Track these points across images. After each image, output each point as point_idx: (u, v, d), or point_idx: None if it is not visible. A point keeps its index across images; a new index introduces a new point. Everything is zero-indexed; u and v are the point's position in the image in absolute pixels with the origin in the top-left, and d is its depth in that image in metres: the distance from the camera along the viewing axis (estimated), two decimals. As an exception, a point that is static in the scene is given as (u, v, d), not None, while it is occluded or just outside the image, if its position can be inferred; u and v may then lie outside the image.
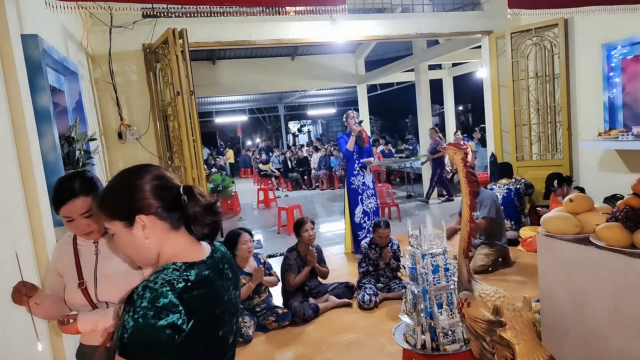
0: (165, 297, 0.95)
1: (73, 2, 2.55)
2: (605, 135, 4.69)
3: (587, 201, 2.24)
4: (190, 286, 1.00)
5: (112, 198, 1.10)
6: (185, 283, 1.00)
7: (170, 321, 0.94)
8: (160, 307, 0.94)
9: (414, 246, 2.54)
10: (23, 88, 2.26)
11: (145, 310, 0.94)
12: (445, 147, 2.20)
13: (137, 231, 1.07)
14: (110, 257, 1.58)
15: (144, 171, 1.10)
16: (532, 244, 4.73)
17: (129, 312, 0.95)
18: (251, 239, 3.66)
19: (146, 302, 0.94)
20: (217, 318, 1.07)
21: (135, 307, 0.94)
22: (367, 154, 5.41)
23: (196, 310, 0.99)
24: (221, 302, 1.08)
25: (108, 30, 4.51)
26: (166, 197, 1.08)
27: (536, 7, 3.86)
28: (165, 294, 0.96)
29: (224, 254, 1.19)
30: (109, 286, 1.54)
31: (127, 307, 0.96)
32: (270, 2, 3.00)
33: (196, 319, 0.99)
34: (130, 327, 0.93)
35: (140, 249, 1.09)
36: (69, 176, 1.55)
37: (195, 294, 1.00)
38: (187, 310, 0.97)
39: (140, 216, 1.06)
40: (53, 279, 1.62)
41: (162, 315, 0.94)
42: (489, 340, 1.80)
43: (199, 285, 1.02)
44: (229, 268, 1.16)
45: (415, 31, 5.72)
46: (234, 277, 1.18)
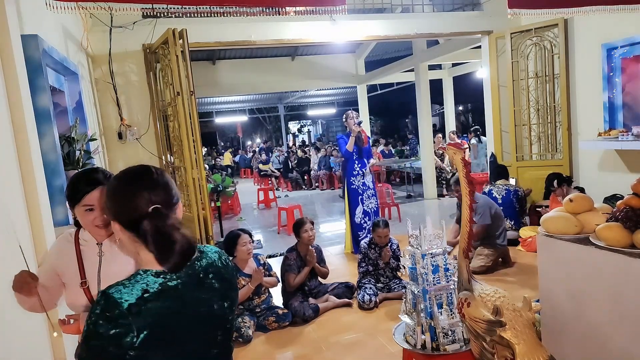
0: (117, 307, 0.94)
1: (73, 2, 2.55)
2: (605, 135, 4.69)
3: (587, 201, 2.24)
4: (147, 297, 0.97)
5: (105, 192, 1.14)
6: (142, 294, 0.97)
7: (116, 332, 0.92)
8: (109, 316, 0.93)
9: (414, 246, 2.54)
10: (23, 88, 2.26)
11: (97, 317, 0.93)
12: (446, 147, 2.20)
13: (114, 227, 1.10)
14: (115, 259, 1.58)
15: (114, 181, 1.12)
16: (532, 244, 4.73)
17: (89, 316, 0.95)
18: (251, 240, 3.66)
19: (99, 309, 0.94)
20: (183, 332, 1.02)
21: (92, 313, 0.94)
22: (366, 154, 5.41)
23: (150, 324, 0.95)
24: (190, 315, 1.03)
25: (108, 31, 4.52)
26: (126, 213, 1.07)
27: (536, 7, 3.86)
28: (118, 303, 0.94)
29: (211, 263, 1.13)
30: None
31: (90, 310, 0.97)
32: (270, 2, 3.00)
33: (150, 332, 0.95)
34: (84, 332, 0.94)
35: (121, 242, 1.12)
36: (89, 169, 1.61)
37: (150, 306, 0.97)
38: (139, 322, 0.94)
39: (115, 222, 1.09)
40: (47, 276, 1.60)
41: (109, 324, 0.92)
42: (489, 340, 1.80)
43: (160, 297, 0.99)
44: (216, 278, 1.11)
45: (415, 31, 5.72)
46: (222, 287, 1.12)
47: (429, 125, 8.97)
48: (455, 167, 2.13)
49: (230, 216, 8.77)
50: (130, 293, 0.96)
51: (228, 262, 1.20)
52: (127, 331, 0.93)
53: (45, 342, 2.16)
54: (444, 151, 9.01)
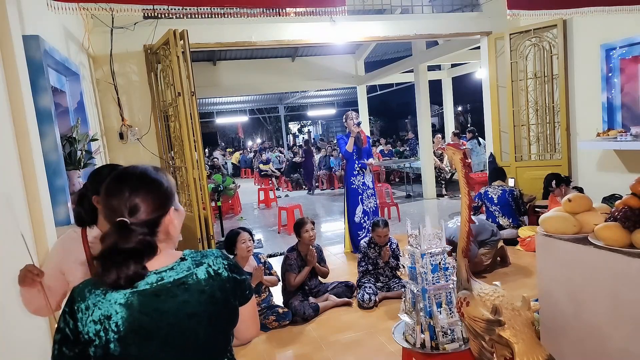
0: (66, 305, 1.03)
1: (74, 3, 2.56)
2: (604, 135, 4.71)
3: (585, 201, 2.25)
4: (74, 308, 1.02)
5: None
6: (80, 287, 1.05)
7: (60, 328, 1.01)
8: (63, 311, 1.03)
9: (413, 246, 2.55)
10: (25, 89, 2.27)
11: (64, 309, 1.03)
12: (445, 147, 2.21)
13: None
14: None
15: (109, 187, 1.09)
16: (530, 243, 4.75)
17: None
18: (250, 238, 3.68)
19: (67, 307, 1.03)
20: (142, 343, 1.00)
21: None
22: (366, 154, 5.43)
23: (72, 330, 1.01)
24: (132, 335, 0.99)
25: (109, 31, 4.53)
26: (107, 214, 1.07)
27: (535, 8, 3.87)
28: (68, 301, 1.03)
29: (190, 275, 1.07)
30: None
31: None
32: (270, 4, 3.01)
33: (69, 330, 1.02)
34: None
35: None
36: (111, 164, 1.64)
37: (81, 317, 1.01)
38: (65, 318, 1.02)
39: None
40: (52, 276, 1.59)
41: (60, 318, 1.02)
42: (488, 339, 1.82)
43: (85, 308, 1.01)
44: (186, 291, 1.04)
45: (414, 32, 5.73)
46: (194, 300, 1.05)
47: (428, 125, 8.98)
48: (455, 167, 2.14)
49: (231, 216, 8.78)
50: (74, 296, 1.05)
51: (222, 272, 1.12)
52: (65, 330, 1.03)
53: (46, 339, 2.18)
54: (443, 151, 9.03)
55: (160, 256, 1.07)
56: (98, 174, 1.58)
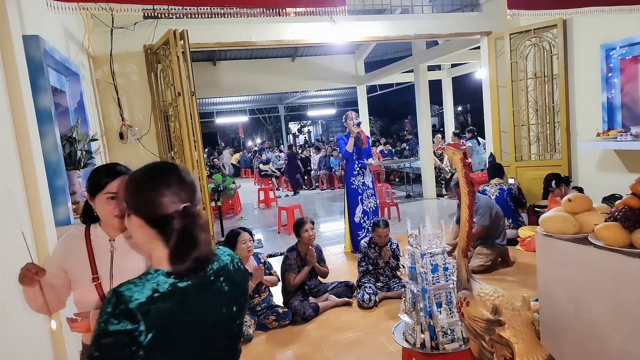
0: (127, 305, 0.94)
1: (74, 3, 2.56)
2: (604, 135, 4.71)
3: (585, 201, 2.25)
4: (156, 297, 0.97)
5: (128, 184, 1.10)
6: (152, 293, 0.97)
7: (124, 329, 0.92)
8: (119, 313, 0.93)
9: (413, 245, 2.55)
10: (24, 89, 2.27)
11: (108, 315, 0.94)
12: (445, 147, 2.21)
13: (129, 222, 1.10)
14: (128, 255, 1.58)
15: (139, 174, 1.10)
16: (530, 243, 4.75)
17: (100, 314, 0.96)
18: (251, 238, 3.68)
19: (110, 307, 0.95)
20: (187, 335, 1.01)
21: (103, 311, 0.95)
22: (366, 154, 5.43)
23: (158, 323, 0.96)
24: (197, 319, 1.03)
25: (109, 31, 4.53)
26: (152, 208, 1.05)
27: (535, 8, 3.87)
28: (129, 301, 0.95)
29: (223, 267, 1.13)
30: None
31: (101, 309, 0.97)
32: (270, 4, 3.01)
33: (157, 332, 0.95)
34: (95, 330, 0.94)
35: (135, 238, 1.12)
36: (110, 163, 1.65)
37: (159, 306, 0.97)
38: (147, 321, 0.94)
39: (135, 216, 1.08)
40: (54, 274, 1.58)
41: (120, 322, 0.93)
42: (488, 339, 1.82)
43: (170, 298, 0.99)
44: (226, 281, 1.10)
45: (414, 32, 5.73)
46: (231, 291, 1.11)
47: (428, 125, 8.99)
48: (454, 167, 2.14)
49: (231, 216, 8.78)
50: (140, 292, 0.97)
51: (240, 265, 1.19)
52: (136, 330, 0.93)
53: (46, 336, 2.18)
54: (443, 151, 9.03)
55: None
56: (97, 173, 1.58)
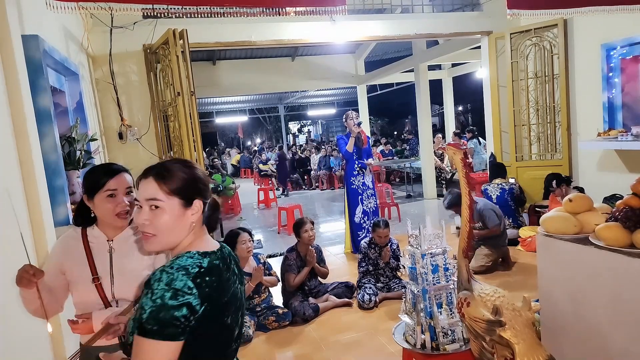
0: (181, 280, 1.03)
1: (73, 2, 2.55)
2: (605, 135, 4.70)
3: (586, 201, 2.24)
4: (202, 272, 1.07)
5: (180, 176, 1.17)
6: (198, 269, 1.07)
7: (185, 302, 1.01)
8: (176, 289, 1.01)
9: (413, 246, 2.55)
10: (24, 88, 2.27)
11: (163, 291, 1.01)
12: (445, 147, 2.21)
13: (189, 212, 1.17)
14: (127, 255, 1.58)
15: (198, 167, 1.25)
16: (531, 243, 4.74)
17: (147, 294, 1.02)
18: (250, 238, 3.67)
19: (163, 284, 1.02)
20: (225, 306, 1.12)
21: (153, 289, 1.02)
22: (366, 154, 5.42)
23: (208, 295, 1.06)
24: (229, 292, 1.14)
25: (109, 31, 4.52)
26: (208, 192, 1.24)
27: (536, 8, 3.87)
28: (181, 277, 1.03)
29: (230, 252, 1.27)
30: (125, 283, 1.55)
31: (145, 290, 1.03)
32: (270, 3, 3.01)
33: (208, 304, 1.05)
34: (149, 307, 1.00)
35: (179, 230, 1.17)
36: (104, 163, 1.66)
37: (207, 280, 1.07)
38: (200, 293, 1.04)
39: (199, 201, 1.18)
40: (52, 277, 1.58)
41: (178, 296, 1.01)
42: (489, 339, 1.81)
43: (211, 273, 1.09)
44: (235, 264, 1.24)
45: (414, 32, 5.72)
46: (239, 273, 1.24)
47: (429, 125, 8.98)
48: (455, 167, 2.13)
49: (231, 216, 8.77)
50: (191, 267, 1.06)
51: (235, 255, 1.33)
52: (192, 302, 1.02)
53: (45, 338, 2.17)
54: (443, 151, 9.02)
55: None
56: (93, 173, 1.58)
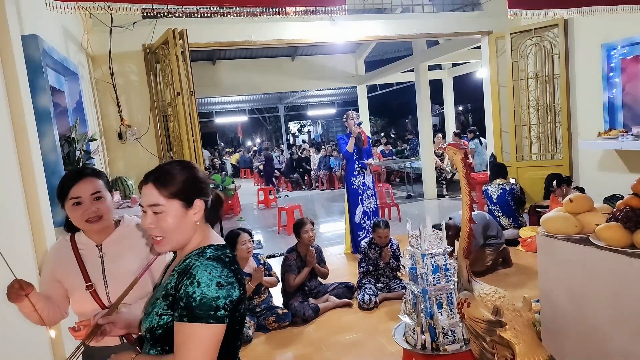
0: (222, 269, 1.13)
1: (73, 2, 2.55)
2: (605, 135, 4.69)
3: (587, 201, 2.24)
4: (232, 260, 1.19)
5: (179, 179, 1.21)
6: (229, 258, 1.19)
7: (229, 287, 1.12)
8: (219, 276, 1.11)
9: (414, 246, 2.54)
10: (23, 88, 2.26)
11: (209, 279, 1.10)
12: (446, 147, 2.20)
13: (191, 212, 1.21)
14: (118, 259, 1.57)
15: (196, 167, 1.29)
16: (532, 244, 4.73)
17: (192, 284, 1.10)
18: (250, 239, 3.67)
19: (207, 273, 1.11)
20: (245, 291, 1.22)
21: (199, 278, 1.10)
22: (366, 154, 5.41)
23: (240, 280, 1.17)
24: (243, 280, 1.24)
25: (108, 31, 4.52)
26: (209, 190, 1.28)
27: (536, 8, 3.86)
28: (220, 266, 1.13)
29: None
30: (120, 288, 1.53)
31: (187, 282, 1.11)
32: (270, 3, 3.00)
33: (241, 289, 1.16)
34: (199, 295, 1.08)
35: (186, 229, 1.21)
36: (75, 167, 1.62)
37: (235, 267, 1.18)
38: (237, 279, 1.15)
39: (200, 200, 1.22)
40: (49, 285, 1.56)
41: (223, 283, 1.11)
42: (489, 340, 1.81)
43: (235, 262, 1.21)
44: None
45: (415, 31, 5.72)
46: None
47: (429, 125, 8.97)
48: (455, 167, 2.13)
49: (231, 216, 8.77)
50: (222, 258, 1.17)
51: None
52: (234, 286, 1.13)
53: (45, 341, 2.16)
54: (444, 151, 9.01)
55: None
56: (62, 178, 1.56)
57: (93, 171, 1.58)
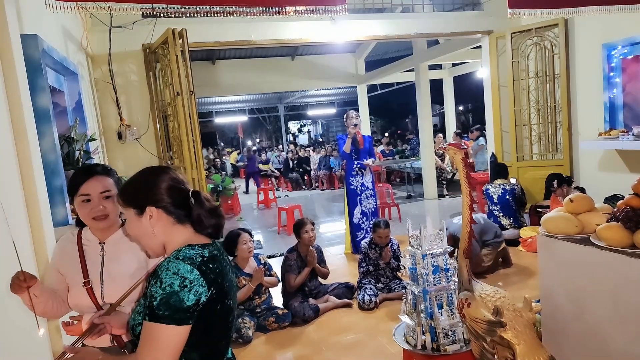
0: (188, 269, 1.11)
1: (73, 2, 2.54)
2: (606, 135, 4.69)
3: (587, 201, 2.24)
4: (206, 260, 1.16)
5: (131, 188, 1.26)
6: (202, 258, 1.16)
7: (192, 288, 1.09)
8: (184, 277, 1.10)
9: (414, 246, 2.54)
10: (23, 88, 2.26)
11: (172, 279, 1.09)
12: (446, 147, 2.20)
13: (145, 220, 1.22)
14: (117, 259, 1.57)
15: (163, 172, 1.27)
16: (532, 244, 4.73)
17: (155, 284, 1.10)
18: (251, 239, 3.66)
19: (171, 273, 1.10)
20: (227, 290, 1.20)
21: (162, 278, 1.10)
22: (366, 154, 5.41)
23: (213, 280, 1.14)
24: (228, 277, 1.22)
25: (108, 31, 4.51)
26: (176, 196, 1.24)
27: (536, 7, 3.85)
28: (188, 266, 1.11)
29: (220, 245, 1.33)
30: (114, 288, 1.54)
31: (153, 280, 1.11)
32: (270, 2, 2.99)
33: (214, 289, 1.14)
34: (159, 295, 1.08)
35: (146, 236, 1.23)
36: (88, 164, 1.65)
37: (211, 267, 1.15)
38: (207, 280, 1.12)
39: (150, 207, 1.21)
40: (54, 278, 1.60)
41: (186, 283, 1.09)
42: (490, 340, 1.80)
43: (213, 260, 1.18)
44: (226, 256, 1.31)
45: (415, 31, 5.71)
46: (230, 263, 1.32)
47: (430, 125, 8.96)
48: (456, 167, 2.13)
49: (230, 216, 8.76)
50: (195, 256, 1.15)
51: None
52: (200, 287, 1.11)
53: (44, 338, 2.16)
54: (444, 151, 8.99)
55: None
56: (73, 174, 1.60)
57: (104, 169, 1.59)
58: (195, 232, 1.25)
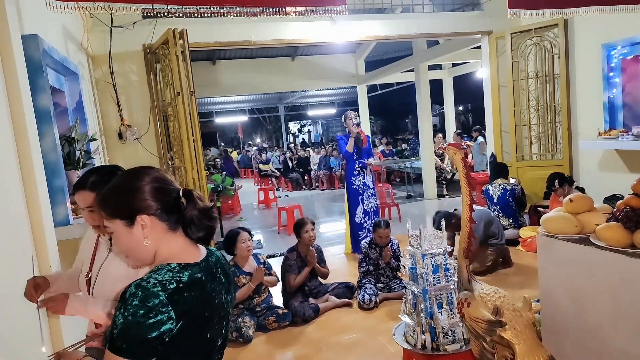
0: (156, 297, 0.97)
1: (73, 2, 2.55)
2: (605, 135, 4.69)
3: (587, 201, 2.24)
4: (181, 287, 1.02)
5: (114, 198, 1.12)
6: (177, 284, 1.02)
7: (158, 320, 0.97)
8: (150, 306, 0.96)
9: (414, 246, 2.54)
10: (23, 88, 2.26)
11: (136, 308, 0.96)
12: (446, 147, 2.20)
13: (137, 230, 1.09)
14: (114, 259, 1.59)
15: (145, 173, 1.13)
16: (532, 244, 4.73)
17: (120, 309, 0.98)
18: (250, 237, 3.67)
19: (137, 300, 0.97)
20: (206, 320, 1.08)
21: (127, 304, 0.97)
22: (366, 154, 5.41)
23: (186, 311, 1.01)
24: (211, 305, 1.10)
25: (108, 31, 4.52)
26: (166, 199, 1.11)
27: (536, 7, 3.85)
28: (157, 293, 0.98)
29: (219, 259, 1.21)
30: (104, 285, 1.57)
31: (119, 305, 0.99)
32: (270, 3, 3.00)
33: (185, 320, 1.01)
34: (120, 323, 0.96)
35: (138, 248, 1.11)
36: (94, 168, 1.69)
37: (186, 296, 1.02)
38: (177, 311, 0.99)
39: (141, 216, 1.09)
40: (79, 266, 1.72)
41: (151, 314, 0.96)
42: (489, 340, 1.80)
43: (191, 288, 1.04)
44: (222, 273, 1.18)
45: (415, 31, 5.72)
46: (226, 281, 1.19)
47: (430, 125, 8.97)
48: (456, 167, 2.13)
49: (231, 216, 8.77)
50: (167, 284, 1.01)
51: (226, 259, 1.28)
52: (167, 319, 0.98)
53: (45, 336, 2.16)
54: (444, 151, 8.99)
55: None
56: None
57: (95, 182, 1.53)
58: (187, 241, 1.14)
